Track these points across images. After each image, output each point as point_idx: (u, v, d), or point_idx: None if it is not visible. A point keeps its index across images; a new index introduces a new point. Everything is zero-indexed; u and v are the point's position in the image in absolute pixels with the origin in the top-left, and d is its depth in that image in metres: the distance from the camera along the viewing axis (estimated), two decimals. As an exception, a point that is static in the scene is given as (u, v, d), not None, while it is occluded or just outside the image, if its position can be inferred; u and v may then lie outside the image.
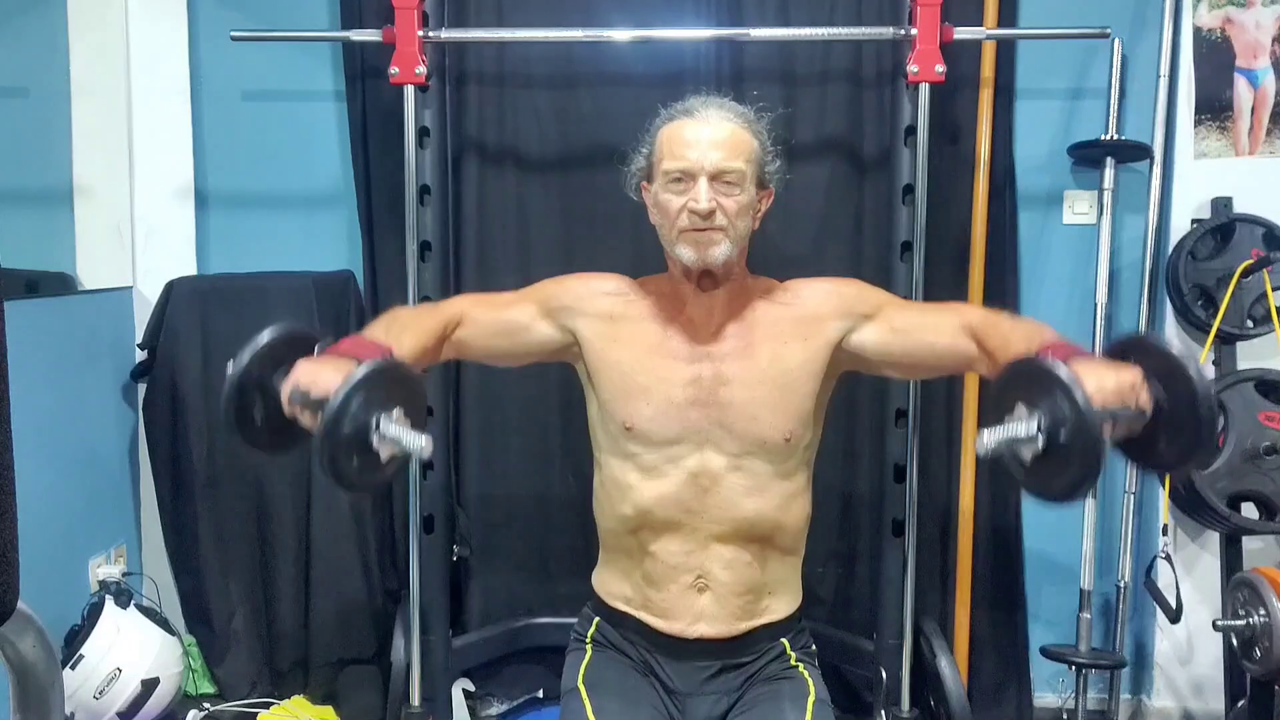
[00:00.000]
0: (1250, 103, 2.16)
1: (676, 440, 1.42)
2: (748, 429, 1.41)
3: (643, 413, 1.42)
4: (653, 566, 1.46)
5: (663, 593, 1.46)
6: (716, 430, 1.42)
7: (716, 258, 1.37)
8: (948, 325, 1.42)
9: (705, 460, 1.43)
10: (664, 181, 1.40)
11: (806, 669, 1.50)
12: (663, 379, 1.42)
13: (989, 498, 2.22)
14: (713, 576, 1.44)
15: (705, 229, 1.36)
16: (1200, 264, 2.12)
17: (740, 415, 1.41)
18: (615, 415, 1.45)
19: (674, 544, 1.44)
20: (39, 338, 1.99)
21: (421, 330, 1.39)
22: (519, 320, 1.49)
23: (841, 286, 1.50)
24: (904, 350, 1.45)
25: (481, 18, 2.14)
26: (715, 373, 1.42)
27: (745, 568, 1.45)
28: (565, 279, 1.53)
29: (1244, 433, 2.01)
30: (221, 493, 2.18)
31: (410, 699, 1.98)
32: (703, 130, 1.40)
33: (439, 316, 1.46)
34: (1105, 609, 2.25)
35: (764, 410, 1.41)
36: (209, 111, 2.29)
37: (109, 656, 1.98)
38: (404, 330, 1.34)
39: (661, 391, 1.42)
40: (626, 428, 1.43)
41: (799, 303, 1.47)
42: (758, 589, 1.47)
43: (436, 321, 1.44)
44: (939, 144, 2.07)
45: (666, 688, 1.48)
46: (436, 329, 1.43)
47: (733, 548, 1.44)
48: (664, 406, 1.41)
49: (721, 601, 1.45)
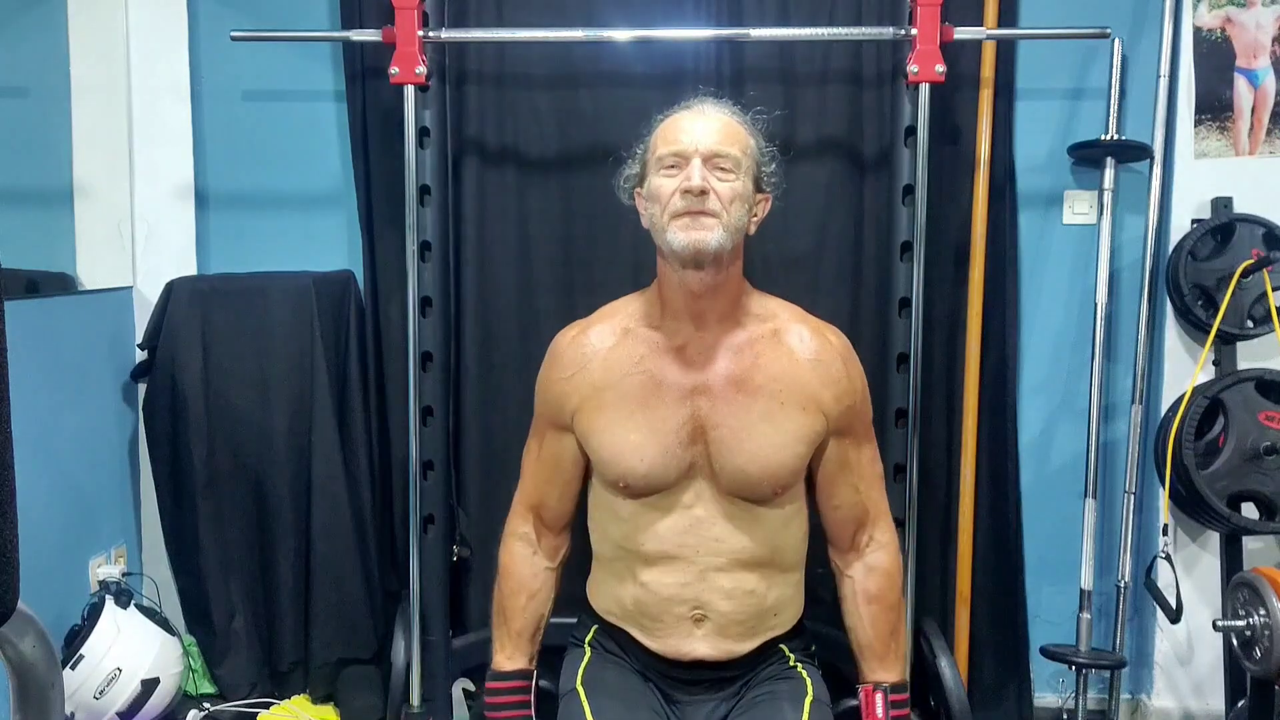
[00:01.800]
0: (1250, 103, 2.16)
1: (672, 482, 1.41)
2: (735, 478, 1.39)
3: (637, 470, 1.40)
4: (645, 597, 1.43)
5: (657, 623, 1.44)
6: (707, 467, 1.40)
7: (709, 244, 1.32)
8: (852, 516, 1.50)
9: (699, 492, 1.41)
10: (657, 169, 1.37)
11: (805, 669, 1.50)
12: (656, 430, 1.39)
13: (989, 498, 2.22)
14: (712, 607, 1.41)
15: (698, 212, 1.32)
16: (1200, 264, 2.11)
17: (728, 464, 1.39)
18: (608, 476, 1.43)
19: (669, 576, 1.41)
20: (39, 338, 1.99)
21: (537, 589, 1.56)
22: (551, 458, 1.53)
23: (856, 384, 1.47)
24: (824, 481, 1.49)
25: (481, 18, 2.14)
26: (708, 411, 1.39)
27: (747, 596, 1.42)
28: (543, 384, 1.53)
29: (1244, 433, 2.01)
30: (221, 493, 2.18)
31: (410, 699, 1.98)
32: (698, 119, 1.39)
33: (534, 534, 1.58)
34: (1105, 609, 2.24)
35: (753, 466, 1.39)
36: (209, 111, 2.29)
37: (109, 656, 1.98)
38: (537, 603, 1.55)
39: (657, 442, 1.39)
40: (622, 487, 1.42)
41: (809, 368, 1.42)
42: (762, 613, 1.45)
43: (535, 541, 1.57)
44: (939, 144, 2.07)
45: (665, 693, 1.47)
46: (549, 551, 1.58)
47: (732, 577, 1.41)
48: (659, 456, 1.39)
49: (722, 630, 1.42)
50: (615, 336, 1.46)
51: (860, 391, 1.48)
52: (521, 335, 2.18)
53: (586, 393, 1.44)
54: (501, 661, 1.52)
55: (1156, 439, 2.15)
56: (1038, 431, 2.27)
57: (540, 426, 1.55)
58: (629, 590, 1.45)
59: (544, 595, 1.55)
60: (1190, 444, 2.02)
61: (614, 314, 1.49)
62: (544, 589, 1.55)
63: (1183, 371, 2.16)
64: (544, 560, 1.56)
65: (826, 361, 1.44)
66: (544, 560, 1.56)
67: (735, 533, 1.40)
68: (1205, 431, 2.06)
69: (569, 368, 1.47)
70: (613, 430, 1.41)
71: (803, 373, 1.41)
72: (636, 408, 1.40)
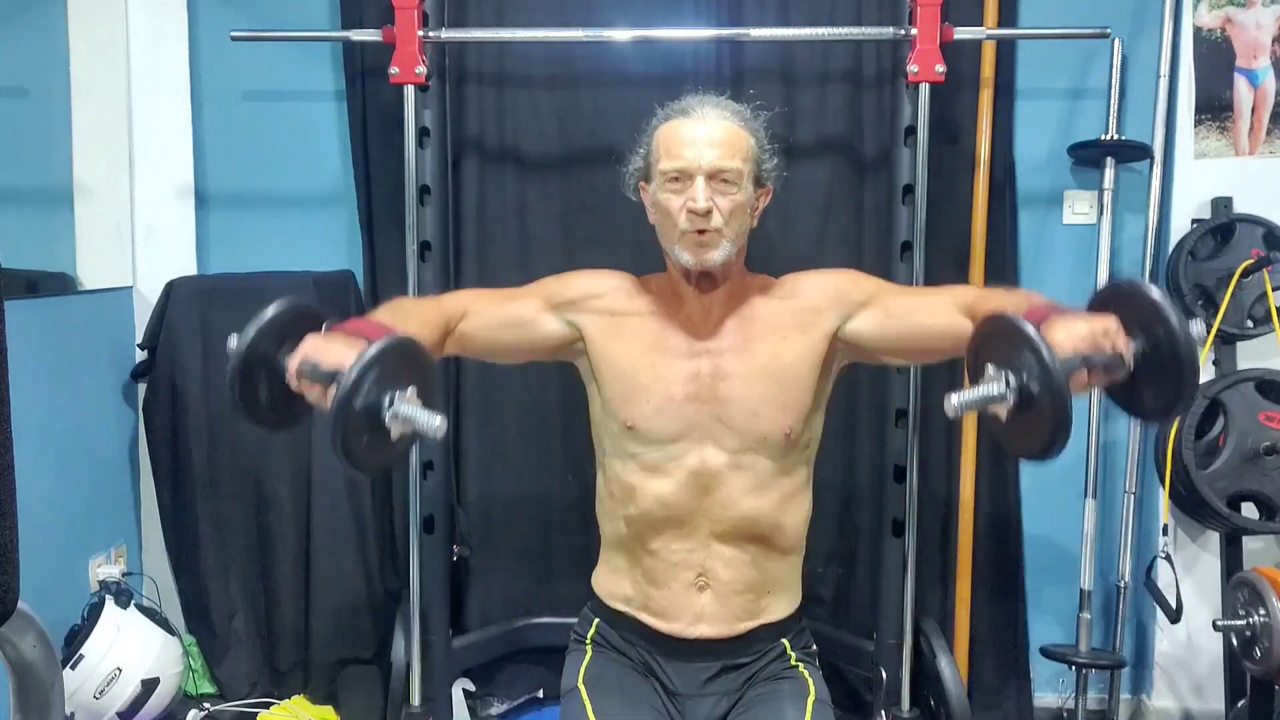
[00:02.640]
0: (1250, 103, 2.16)
1: (677, 438, 1.43)
2: (747, 424, 1.41)
3: (643, 411, 1.42)
4: (654, 565, 1.46)
5: (663, 591, 1.46)
6: (716, 426, 1.42)
7: (715, 260, 1.38)
8: (942, 305, 1.41)
9: (706, 457, 1.43)
10: (661, 182, 1.40)
11: (806, 669, 1.50)
12: (662, 376, 1.42)
13: (989, 497, 2.22)
14: (714, 575, 1.44)
15: (704, 232, 1.36)
16: (1200, 264, 2.12)
17: (740, 411, 1.41)
18: (617, 414, 1.45)
19: (676, 542, 1.44)
20: (39, 338, 1.99)
21: (425, 321, 1.37)
22: (523, 314, 1.49)
23: (836, 277, 1.50)
24: (900, 335, 1.45)
25: (481, 18, 2.14)
26: (714, 368, 1.42)
27: (746, 566, 1.45)
28: (569, 275, 1.53)
29: (1244, 433, 2.01)
30: (221, 493, 2.18)
31: (410, 699, 1.98)
32: (699, 129, 1.39)
33: (443, 309, 1.45)
34: (1105, 609, 2.25)
35: (763, 405, 1.41)
36: (209, 111, 2.29)
37: (109, 656, 1.98)
38: (408, 318, 1.32)
39: (661, 389, 1.42)
40: (628, 426, 1.43)
41: (796, 296, 1.47)
42: (758, 588, 1.47)
43: (440, 314, 1.43)
44: (939, 144, 2.07)
45: (667, 689, 1.48)
46: (440, 321, 1.41)
47: (733, 546, 1.44)
48: (663, 404, 1.41)
49: (722, 601, 1.45)
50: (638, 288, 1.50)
51: (853, 275, 1.51)
52: (521, 335, 2.18)
53: (606, 311, 1.47)
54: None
55: (1156, 439, 2.15)
56: (1038, 431, 2.26)
57: (535, 291, 1.50)
58: (639, 562, 1.47)
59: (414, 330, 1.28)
60: (1190, 444, 2.02)
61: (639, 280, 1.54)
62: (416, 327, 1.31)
63: (1183, 371, 2.16)
64: (423, 330, 1.35)
65: (806, 278, 1.49)
66: (423, 330, 1.35)
67: (740, 500, 1.43)
68: (1205, 431, 2.06)
69: (600, 282, 1.49)
70: (623, 366, 1.44)
71: (791, 302, 1.46)
72: (647, 351, 1.44)
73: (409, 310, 1.39)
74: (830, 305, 1.45)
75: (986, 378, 1.04)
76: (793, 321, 1.44)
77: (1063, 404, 0.96)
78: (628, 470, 1.46)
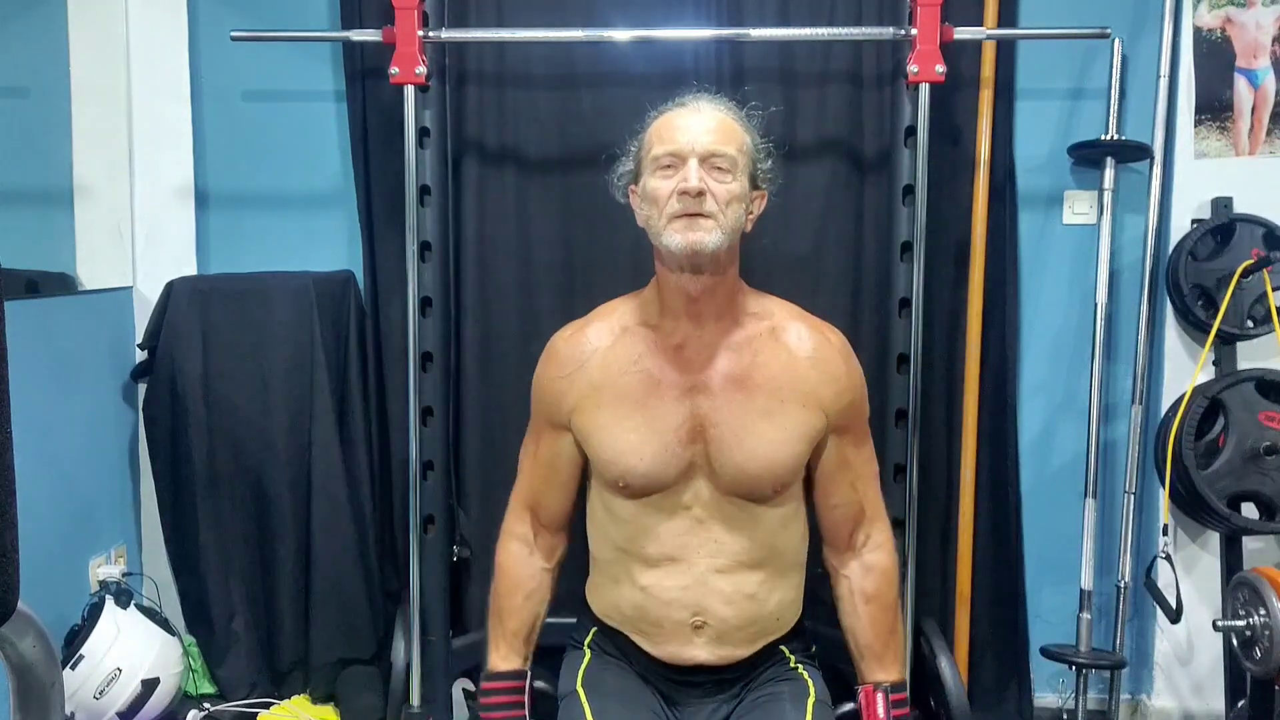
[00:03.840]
0: (1250, 103, 2.16)
1: (671, 481, 1.40)
2: (735, 477, 1.39)
3: (636, 469, 1.39)
4: (645, 601, 1.43)
5: (657, 629, 1.43)
6: (707, 466, 1.40)
7: (707, 245, 1.31)
8: (849, 515, 1.50)
9: (697, 492, 1.40)
10: (653, 169, 1.36)
11: (806, 670, 1.50)
12: (655, 429, 1.39)
13: (989, 497, 2.22)
14: (712, 613, 1.41)
15: (695, 214, 1.31)
16: (1200, 264, 2.11)
17: (728, 462, 1.38)
18: (607, 476, 1.43)
19: (669, 579, 1.41)
20: (39, 338, 1.99)
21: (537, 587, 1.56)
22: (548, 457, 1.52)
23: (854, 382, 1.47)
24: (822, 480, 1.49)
25: (481, 18, 2.14)
26: (707, 410, 1.38)
27: (747, 601, 1.41)
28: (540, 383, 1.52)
29: (1244, 433, 2.01)
30: (221, 493, 2.18)
31: (410, 699, 1.98)
32: (693, 117, 1.38)
33: (531, 541, 1.58)
34: (1105, 609, 2.24)
35: (751, 462, 1.38)
36: (209, 111, 2.29)
37: (109, 656, 1.98)
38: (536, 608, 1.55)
39: (655, 441, 1.38)
40: (621, 486, 1.41)
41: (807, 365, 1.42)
42: (763, 619, 1.44)
43: (535, 554, 1.57)
44: (939, 144, 2.07)
45: (665, 695, 1.47)
46: (541, 565, 1.57)
47: (733, 579, 1.40)
48: (658, 454, 1.38)
49: (722, 636, 1.42)
50: (613, 335, 1.45)
51: (859, 389, 1.48)
52: (521, 335, 2.18)
53: (584, 391, 1.44)
54: (497, 661, 1.51)
55: (1156, 439, 2.15)
56: (1038, 431, 2.27)
57: (538, 426, 1.55)
58: (628, 594, 1.45)
59: (540, 595, 1.54)
60: (1190, 444, 2.02)
61: (611, 313, 1.49)
62: (540, 589, 1.54)
63: (1183, 371, 2.16)
64: (540, 560, 1.56)
65: (825, 359, 1.44)
66: (540, 560, 1.56)
67: (734, 533, 1.40)
68: (1205, 431, 2.06)
69: (566, 366, 1.47)
70: (611, 429, 1.41)
71: (801, 370, 1.41)
72: (635, 407, 1.40)
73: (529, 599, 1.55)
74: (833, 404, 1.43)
75: None
76: (795, 392, 1.40)
77: None
78: (616, 502, 1.44)
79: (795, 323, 1.45)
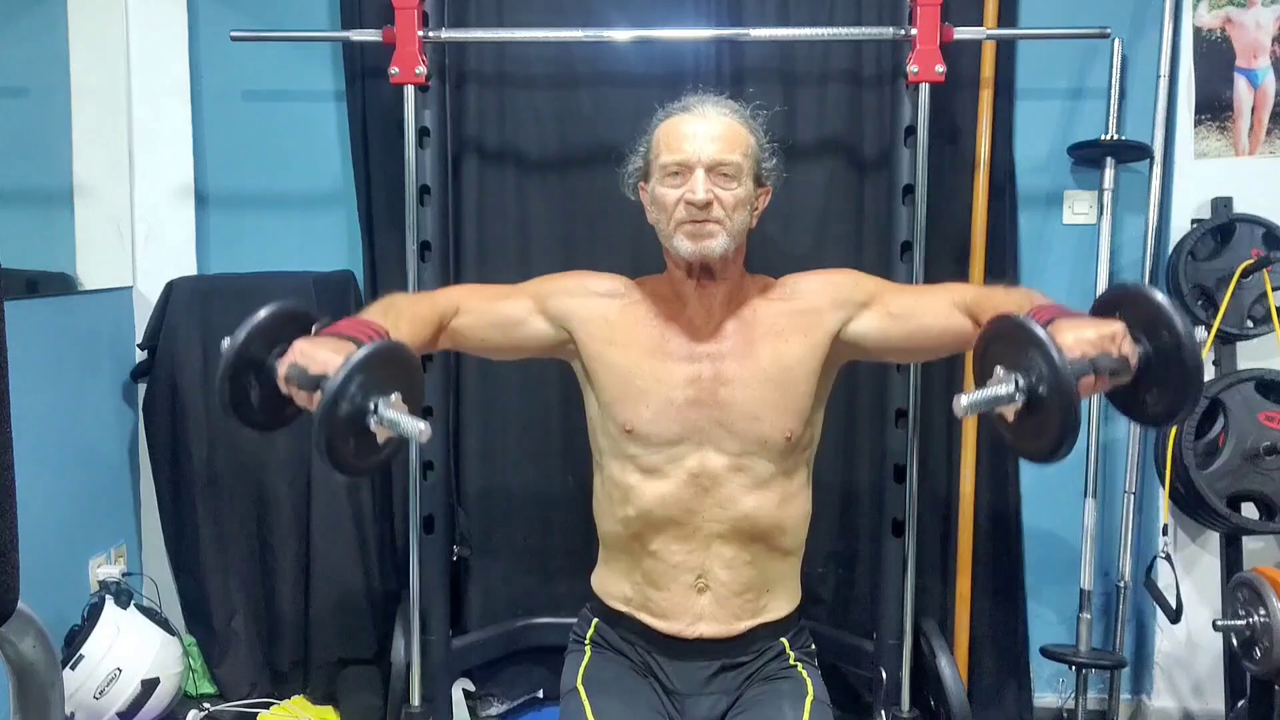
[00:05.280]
0: (1250, 103, 2.16)
1: (677, 441, 1.42)
2: (749, 429, 1.41)
3: (642, 415, 1.42)
4: (653, 566, 1.46)
5: (663, 592, 1.46)
6: (717, 430, 1.42)
7: (714, 250, 1.36)
8: (943, 305, 1.41)
9: (705, 460, 1.43)
10: (661, 176, 1.40)
11: (805, 669, 1.50)
12: (661, 381, 1.42)
13: (989, 497, 2.22)
14: (713, 576, 1.44)
15: (702, 221, 1.36)
16: (1200, 264, 2.12)
17: (741, 415, 1.41)
18: (615, 417, 1.45)
19: (675, 544, 1.44)
20: (39, 338, 1.99)
21: (419, 318, 1.37)
22: (514, 314, 1.48)
23: (836, 277, 1.50)
24: (902, 335, 1.45)
25: (481, 18, 2.14)
26: (715, 372, 1.42)
27: (745, 567, 1.45)
28: (562, 277, 1.53)
29: (1244, 433, 2.01)
30: (221, 493, 2.18)
31: (410, 699, 1.98)
32: (699, 124, 1.40)
33: (436, 305, 1.44)
34: (1105, 609, 2.25)
35: (765, 409, 1.41)
36: (209, 111, 2.29)
37: (109, 656, 1.98)
38: (400, 316, 1.32)
39: (660, 393, 1.41)
40: (626, 430, 1.43)
41: (796, 297, 1.46)
42: (757, 588, 1.47)
43: (434, 310, 1.42)
44: (939, 144, 2.07)
45: (665, 688, 1.48)
46: (434, 317, 1.41)
47: (733, 547, 1.44)
48: (663, 408, 1.41)
49: (721, 602, 1.45)
50: (636, 292, 1.49)
51: (853, 275, 1.50)
52: (521, 335, 2.18)
53: (598, 319, 1.46)
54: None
55: (1156, 439, 2.15)
56: (1038, 431, 2.26)
57: (528, 290, 1.50)
58: (639, 564, 1.47)
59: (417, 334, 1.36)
60: (1190, 444, 2.02)
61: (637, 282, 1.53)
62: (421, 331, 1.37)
63: (1183, 371, 2.16)
64: (416, 327, 1.37)
65: (808, 280, 1.48)
66: (416, 327, 1.37)
67: (739, 500, 1.42)
68: (1205, 431, 2.06)
69: (595, 287, 1.49)
70: (621, 371, 1.43)
71: (793, 303, 1.45)
72: (645, 355, 1.43)
73: (401, 308, 1.37)
74: (831, 306, 1.45)
75: (995, 379, 1.03)
76: (794, 324, 1.44)
77: (1071, 407, 0.96)
78: (625, 472, 1.46)
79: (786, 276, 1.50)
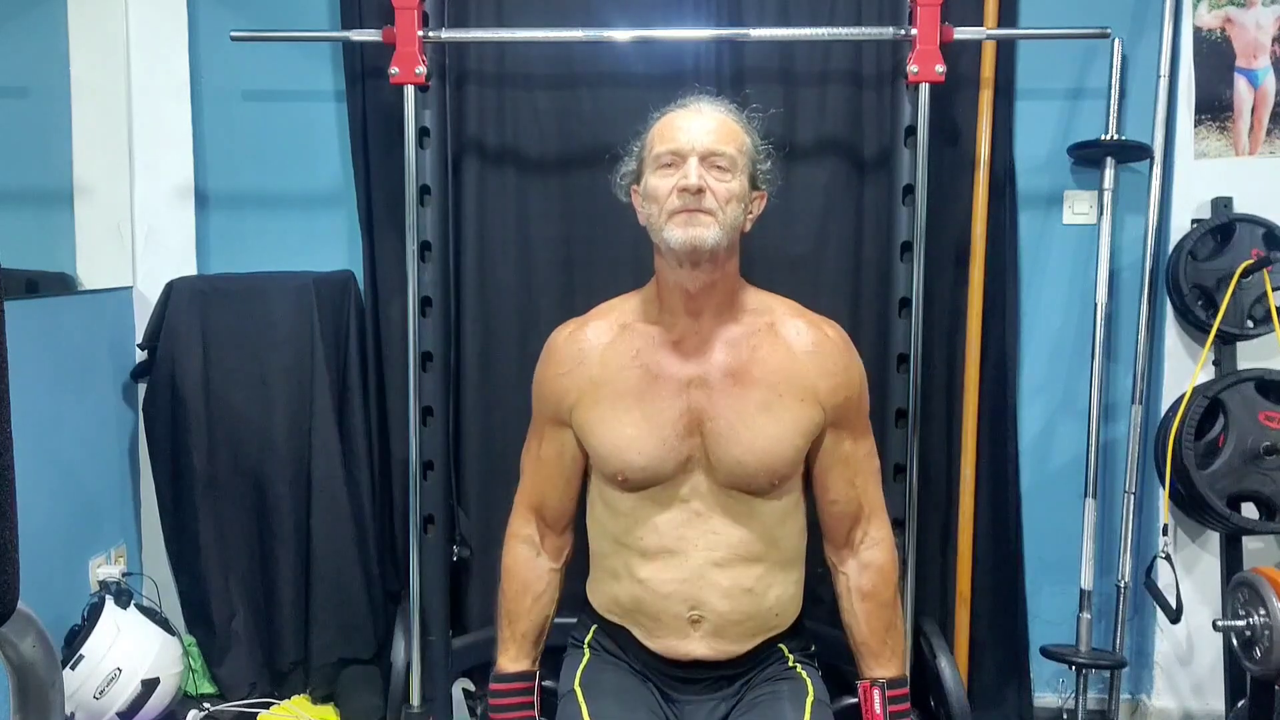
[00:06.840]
0: (1250, 103, 2.16)
1: (670, 474, 1.41)
2: (732, 470, 1.39)
3: (635, 463, 1.40)
4: (643, 594, 1.43)
5: (655, 622, 1.44)
6: (705, 459, 1.40)
7: (706, 240, 1.33)
8: (847, 512, 1.49)
9: (696, 485, 1.41)
10: (654, 168, 1.38)
11: (805, 670, 1.50)
12: (653, 423, 1.39)
13: (989, 498, 2.22)
14: (709, 607, 1.41)
15: (695, 209, 1.33)
16: (1200, 264, 2.11)
17: (725, 456, 1.39)
18: (606, 470, 1.43)
19: (666, 572, 1.41)
20: (39, 338, 1.99)
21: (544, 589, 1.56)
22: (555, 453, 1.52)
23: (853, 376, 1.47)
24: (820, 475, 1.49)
25: (481, 18, 2.14)
26: (705, 403, 1.39)
27: (745, 595, 1.41)
28: (540, 381, 1.53)
29: (1244, 433, 2.01)
30: (221, 493, 2.18)
31: (410, 699, 1.98)
32: (694, 118, 1.40)
33: (534, 547, 1.57)
34: (1105, 609, 2.24)
35: (750, 457, 1.38)
36: (209, 111, 2.29)
37: (109, 656, 1.98)
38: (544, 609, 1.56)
39: (653, 435, 1.39)
40: (620, 480, 1.42)
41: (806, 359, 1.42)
42: (761, 614, 1.44)
43: (537, 563, 1.56)
44: (939, 144, 2.07)
45: (664, 693, 1.47)
46: (544, 570, 1.56)
47: (730, 574, 1.40)
48: (655, 449, 1.39)
49: (720, 631, 1.42)
50: (612, 332, 1.46)
51: (858, 384, 1.49)
52: (521, 335, 2.18)
53: (584, 388, 1.45)
54: (505, 663, 1.52)
55: (1156, 439, 2.15)
56: (1038, 432, 2.27)
57: (539, 425, 1.55)
58: (627, 588, 1.45)
59: (548, 596, 1.55)
60: (1190, 444, 2.02)
61: (610, 311, 1.51)
62: (548, 590, 1.55)
63: (1183, 371, 2.16)
64: (547, 561, 1.56)
65: (824, 353, 1.44)
66: (547, 561, 1.56)
67: (732, 525, 1.41)
68: (1205, 431, 2.06)
69: (566, 364, 1.48)
70: (610, 424, 1.42)
71: (800, 364, 1.42)
72: (633, 401, 1.41)
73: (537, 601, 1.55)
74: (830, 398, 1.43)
75: None
76: (793, 386, 1.41)
77: None
78: (614, 496, 1.45)
79: (794, 318, 1.46)
